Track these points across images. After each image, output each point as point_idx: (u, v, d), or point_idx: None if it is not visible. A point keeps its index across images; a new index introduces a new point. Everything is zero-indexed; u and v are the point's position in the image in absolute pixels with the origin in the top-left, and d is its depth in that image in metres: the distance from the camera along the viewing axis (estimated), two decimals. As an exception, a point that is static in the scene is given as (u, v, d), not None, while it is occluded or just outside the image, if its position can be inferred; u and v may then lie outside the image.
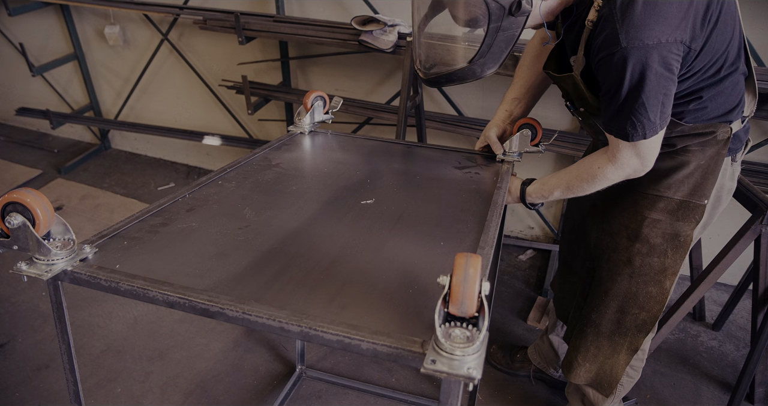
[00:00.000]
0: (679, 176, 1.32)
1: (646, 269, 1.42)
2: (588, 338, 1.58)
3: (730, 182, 1.40)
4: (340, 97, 1.77)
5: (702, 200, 1.33)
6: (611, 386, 1.60)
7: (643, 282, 1.44)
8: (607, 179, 1.29)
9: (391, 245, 1.08)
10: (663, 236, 1.38)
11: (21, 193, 0.89)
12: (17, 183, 3.42)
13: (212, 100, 3.36)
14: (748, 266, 2.22)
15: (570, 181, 1.36)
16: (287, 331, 0.83)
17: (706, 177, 1.31)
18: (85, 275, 0.93)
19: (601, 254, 1.50)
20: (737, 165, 1.40)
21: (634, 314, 1.49)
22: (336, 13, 2.67)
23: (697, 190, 1.32)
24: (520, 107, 1.59)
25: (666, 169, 1.33)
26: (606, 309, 1.52)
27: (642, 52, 1.05)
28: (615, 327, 1.53)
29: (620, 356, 1.56)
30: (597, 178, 1.29)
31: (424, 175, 1.43)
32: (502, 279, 2.65)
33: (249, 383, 2.05)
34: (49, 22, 3.47)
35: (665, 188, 1.34)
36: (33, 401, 1.94)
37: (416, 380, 2.06)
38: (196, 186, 1.30)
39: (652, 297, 1.45)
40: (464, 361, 0.71)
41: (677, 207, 1.35)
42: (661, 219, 1.37)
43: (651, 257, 1.41)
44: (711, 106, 1.23)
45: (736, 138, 1.32)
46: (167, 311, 2.34)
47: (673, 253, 1.39)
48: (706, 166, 1.30)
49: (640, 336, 1.51)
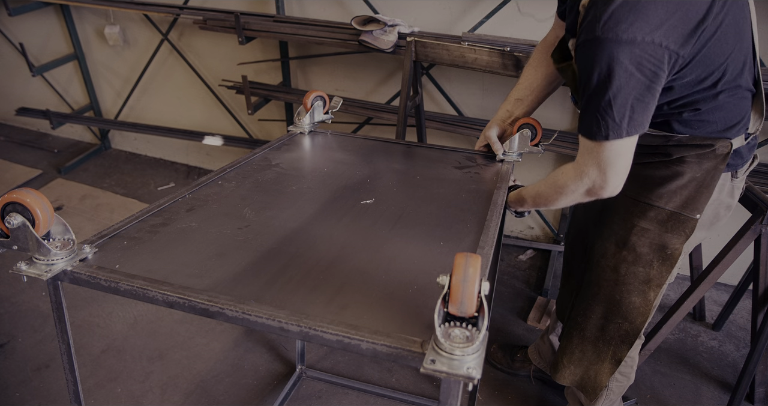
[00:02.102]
0: (672, 186, 1.28)
1: (630, 278, 1.40)
2: (573, 340, 1.59)
3: (729, 198, 1.36)
4: (340, 97, 1.77)
5: (694, 214, 1.29)
6: (595, 392, 1.60)
7: (626, 291, 1.42)
8: (570, 191, 1.24)
9: (391, 245, 1.08)
10: (650, 246, 1.35)
11: (21, 193, 0.89)
12: (17, 183, 3.42)
13: (212, 100, 3.36)
14: (748, 266, 2.22)
15: (540, 190, 1.33)
16: (287, 331, 0.83)
17: (701, 191, 1.27)
18: (85, 275, 0.93)
19: (592, 257, 1.50)
20: (738, 181, 1.35)
21: (618, 323, 1.47)
22: (336, 13, 2.67)
23: (690, 203, 1.28)
24: (521, 108, 1.56)
25: (660, 178, 1.30)
26: (591, 314, 1.52)
27: (614, 45, 1.00)
28: (599, 333, 1.52)
29: (605, 365, 1.55)
30: (560, 189, 1.26)
31: (424, 175, 1.43)
32: (502, 279, 2.65)
33: (249, 383, 2.05)
34: (49, 22, 3.47)
35: (657, 197, 1.31)
36: (33, 401, 1.94)
37: (416, 380, 2.06)
38: (196, 186, 1.30)
39: (635, 308, 1.43)
40: (464, 361, 0.71)
41: (667, 218, 1.31)
42: (650, 228, 1.34)
43: (636, 266, 1.39)
44: (710, 119, 1.20)
45: (737, 154, 1.28)
46: (167, 311, 2.34)
47: (659, 264, 1.36)
48: (701, 179, 1.26)
49: (624, 347, 1.49)
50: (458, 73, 2.60)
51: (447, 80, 2.65)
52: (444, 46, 2.16)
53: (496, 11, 2.35)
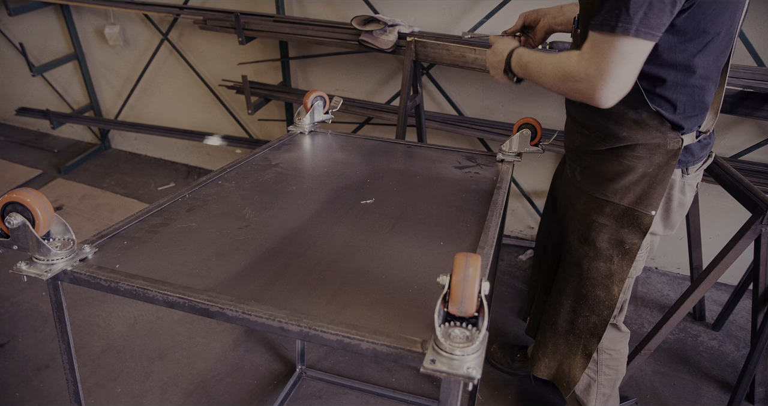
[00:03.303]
0: (625, 182, 1.30)
1: (593, 272, 1.43)
2: (547, 334, 1.63)
3: (681, 195, 1.37)
4: (340, 97, 1.77)
5: (648, 211, 1.30)
6: (569, 387, 1.63)
7: (591, 285, 1.45)
8: (563, 72, 1.12)
9: (391, 245, 1.08)
10: (609, 242, 1.37)
11: (21, 193, 0.89)
12: (17, 183, 3.42)
13: (212, 100, 3.36)
14: (748, 266, 2.22)
15: (542, 57, 1.21)
16: (287, 331, 0.83)
17: (653, 186, 1.28)
18: (85, 275, 0.93)
19: (560, 253, 1.54)
20: (690, 178, 1.36)
21: (585, 316, 1.50)
22: (336, 13, 2.67)
23: (644, 200, 1.30)
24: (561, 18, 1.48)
25: (612, 173, 1.31)
26: (561, 308, 1.55)
27: None
28: (569, 327, 1.56)
29: (576, 359, 1.58)
30: (559, 63, 1.14)
31: (424, 175, 1.43)
32: (502, 279, 2.65)
33: (249, 383, 2.05)
34: (49, 22, 3.47)
35: (611, 193, 1.33)
36: (33, 401, 1.94)
37: (416, 380, 2.06)
38: (196, 186, 1.30)
39: (600, 301, 1.45)
40: (464, 361, 0.71)
41: (623, 214, 1.33)
42: (607, 224, 1.36)
43: (597, 261, 1.41)
44: (674, 98, 1.19)
45: (688, 151, 1.29)
46: (167, 311, 2.34)
47: (620, 259, 1.38)
48: (653, 174, 1.27)
49: (593, 340, 1.52)
50: (458, 73, 2.60)
51: (447, 80, 2.65)
52: (444, 46, 2.16)
53: (496, 11, 2.35)
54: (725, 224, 2.45)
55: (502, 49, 1.34)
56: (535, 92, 2.49)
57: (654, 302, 2.53)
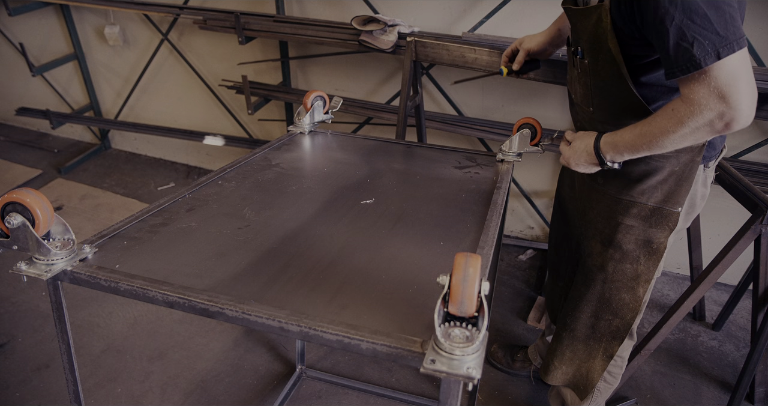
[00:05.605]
0: (652, 182, 1.30)
1: (618, 275, 1.42)
2: (564, 341, 1.60)
3: (703, 188, 1.38)
4: (340, 97, 1.77)
5: (676, 208, 1.30)
6: (587, 390, 1.61)
7: (615, 288, 1.43)
8: (684, 126, 1.06)
9: (391, 245, 1.08)
10: (636, 243, 1.37)
11: (21, 193, 0.89)
12: (17, 183, 3.42)
13: (212, 100, 3.36)
14: (748, 266, 2.22)
15: (644, 128, 1.14)
16: (287, 331, 0.83)
17: (680, 184, 1.29)
18: (85, 275, 0.93)
19: (579, 258, 1.51)
20: (710, 171, 1.37)
21: (608, 320, 1.48)
22: (336, 13, 2.67)
23: (671, 197, 1.30)
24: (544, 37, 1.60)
25: (639, 174, 1.31)
26: (580, 314, 1.53)
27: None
28: (590, 332, 1.54)
29: (596, 361, 1.56)
30: (675, 127, 1.08)
31: (424, 175, 1.43)
32: (502, 279, 2.65)
33: (249, 383, 2.04)
34: (49, 22, 3.47)
35: (639, 194, 1.32)
36: (33, 401, 1.94)
37: (416, 380, 2.06)
38: (196, 186, 1.30)
39: (624, 304, 1.44)
40: (464, 361, 0.71)
41: (650, 213, 1.33)
42: (635, 225, 1.35)
43: (624, 263, 1.40)
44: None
45: (711, 146, 1.30)
46: (167, 311, 2.34)
47: (646, 260, 1.38)
48: (680, 172, 1.27)
49: (615, 343, 1.51)
50: (458, 73, 2.59)
51: (447, 80, 2.65)
52: (444, 46, 2.16)
53: (496, 11, 2.35)
54: (725, 224, 2.45)
55: (584, 146, 1.29)
56: (534, 92, 2.49)
57: (654, 302, 2.53)
